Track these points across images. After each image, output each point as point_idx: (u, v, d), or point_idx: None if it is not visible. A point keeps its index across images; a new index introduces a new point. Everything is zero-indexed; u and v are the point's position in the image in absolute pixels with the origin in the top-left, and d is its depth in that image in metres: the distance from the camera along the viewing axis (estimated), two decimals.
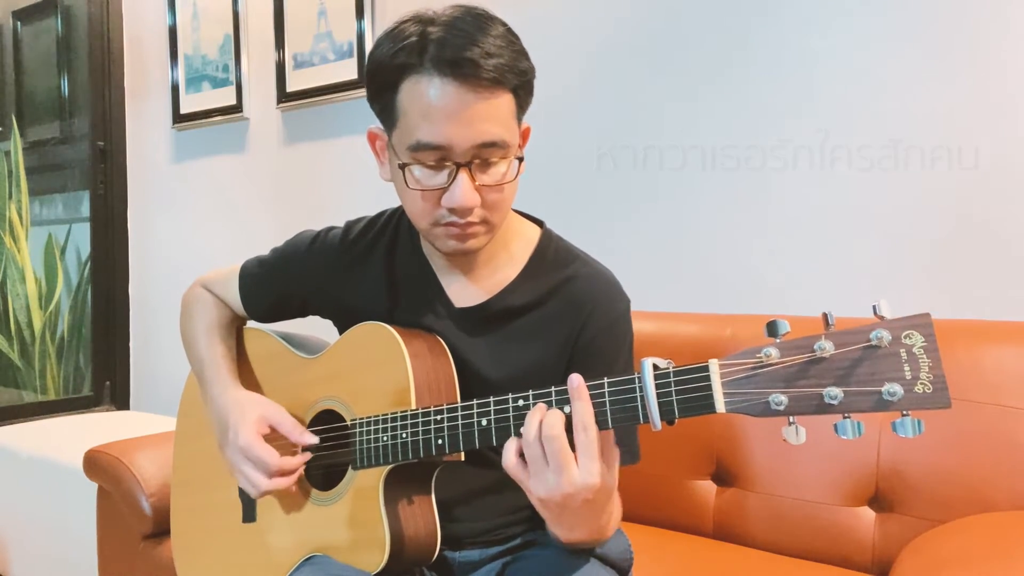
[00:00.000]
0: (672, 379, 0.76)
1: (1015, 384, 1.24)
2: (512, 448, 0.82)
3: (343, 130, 2.42)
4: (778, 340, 0.73)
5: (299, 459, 1.02)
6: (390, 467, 0.96)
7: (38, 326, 3.06)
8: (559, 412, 0.81)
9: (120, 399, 3.09)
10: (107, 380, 3.08)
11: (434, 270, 1.06)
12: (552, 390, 0.83)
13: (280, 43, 2.52)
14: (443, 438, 0.91)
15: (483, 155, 0.90)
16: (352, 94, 2.33)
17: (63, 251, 3.18)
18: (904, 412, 0.68)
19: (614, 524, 0.96)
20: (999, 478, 1.22)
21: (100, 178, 3.05)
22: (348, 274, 1.10)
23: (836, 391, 0.69)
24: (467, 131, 0.88)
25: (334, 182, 2.45)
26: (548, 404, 0.83)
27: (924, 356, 0.67)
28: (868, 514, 1.33)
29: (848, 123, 1.60)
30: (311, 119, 2.51)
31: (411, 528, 0.96)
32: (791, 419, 0.72)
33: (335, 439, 1.04)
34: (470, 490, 1.04)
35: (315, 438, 1.03)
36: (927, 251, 1.52)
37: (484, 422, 0.88)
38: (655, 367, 0.77)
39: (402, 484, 0.98)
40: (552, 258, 1.04)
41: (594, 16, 1.93)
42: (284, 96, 2.52)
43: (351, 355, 1.06)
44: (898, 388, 0.67)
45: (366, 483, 0.98)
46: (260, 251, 1.20)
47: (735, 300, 1.72)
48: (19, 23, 3.25)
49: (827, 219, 1.63)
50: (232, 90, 2.67)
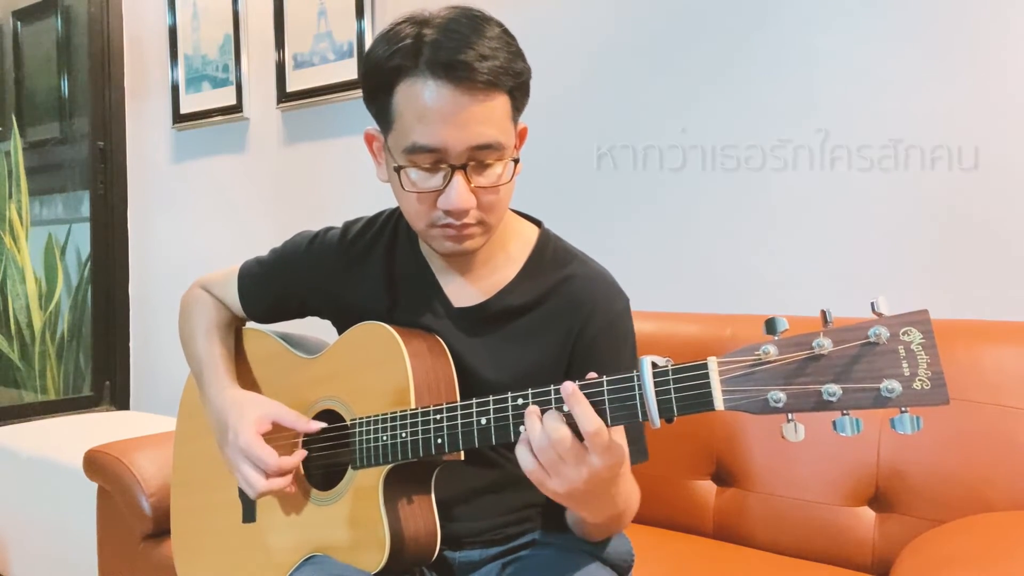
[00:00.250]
0: (671, 377, 0.76)
1: (1015, 384, 1.24)
2: (527, 455, 0.81)
3: (343, 130, 2.42)
4: (776, 338, 0.73)
5: (296, 457, 1.02)
6: (390, 467, 0.96)
7: (38, 326, 3.06)
8: (555, 412, 0.80)
9: (120, 399, 3.09)
10: (107, 380, 3.08)
11: (433, 270, 1.06)
12: (551, 389, 0.83)
13: (280, 43, 2.52)
14: (442, 437, 0.91)
15: (478, 157, 0.90)
16: (352, 94, 2.33)
17: (63, 251, 3.18)
18: (903, 409, 0.68)
19: (636, 495, 0.97)
20: (999, 478, 1.22)
21: (100, 178, 3.05)
22: (347, 274, 1.10)
23: (835, 388, 0.69)
24: (462, 133, 0.88)
25: (334, 182, 2.46)
26: (547, 403, 0.83)
27: (922, 353, 0.67)
28: (868, 514, 1.33)
29: (848, 123, 1.60)
30: (311, 119, 2.51)
31: (411, 528, 0.96)
32: (790, 416, 0.72)
33: (335, 439, 1.04)
34: (470, 490, 1.04)
35: (319, 424, 1.03)
36: (927, 251, 1.52)
37: (483, 421, 0.88)
38: (654, 365, 0.77)
39: (402, 484, 0.98)
40: (550, 258, 1.04)
41: (594, 16, 1.93)
42: (284, 96, 2.52)
43: (350, 355, 1.06)
44: (896, 385, 0.67)
45: (366, 483, 0.98)
46: (260, 251, 1.20)
47: (735, 300, 1.72)
48: (19, 23, 3.25)
49: (827, 219, 1.63)
50: (232, 90, 2.68)
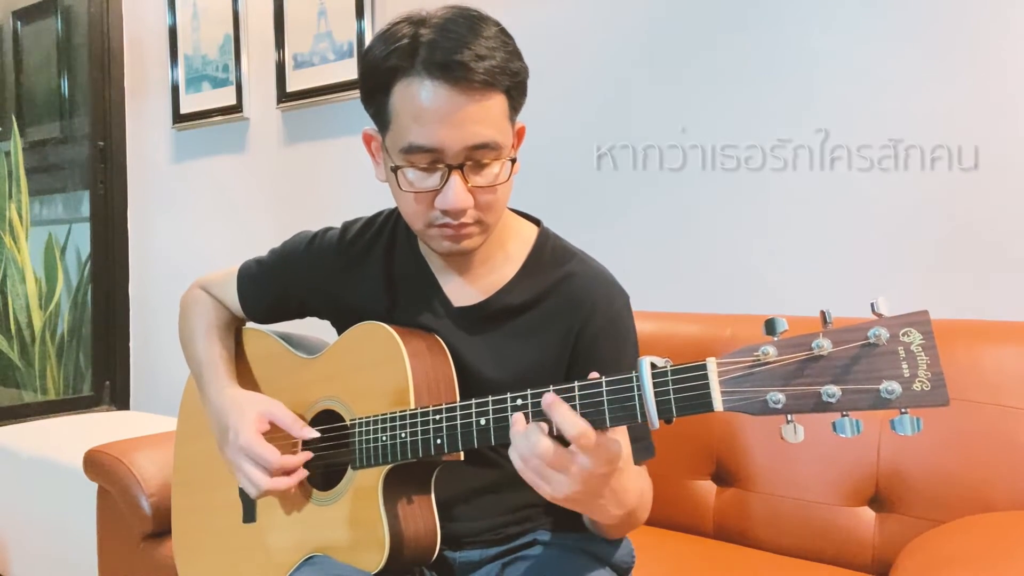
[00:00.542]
0: (670, 378, 0.76)
1: (1015, 384, 1.24)
2: (519, 463, 0.80)
3: (343, 130, 2.42)
4: (776, 338, 0.72)
5: (300, 457, 1.02)
6: (389, 467, 0.96)
7: (38, 326, 3.06)
8: (535, 426, 0.79)
9: (120, 399, 3.09)
10: (107, 380, 3.08)
11: (432, 270, 1.06)
12: (550, 389, 0.82)
13: (280, 43, 2.52)
14: (442, 438, 0.91)
15: (475, 157, 0.90)
16: (352, 94, 2.32)
17: (63, 251, 3.17)
18: (902, 410, 0.68)
19: (648, 491, 0.97)
20: (999, 478, 1.22)
21: (100, 178, 3.05)
22: (346, 274, 1.10)
23: (834, 389, 0.69)
24: (459, 133, 0.88)
25: (334, 182, 2.45)
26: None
27: (922, 354, 0.67)
28: (868, 514, 1.33)
29: (848, 123, 1.60)
30: (311, 119, 2.50)
31: (411, 528, 0.96)
32: (789, 417, 0.72)
33: (334, 439, 1.04)
34: (470, 490, 1.04)
35: (315, 432, 1.03)
36: (927, 251, 1.52)
37: (483, 422, 0.88)
38: (653, 366, 0.77)
39: (402, 484, 0.98)
40: (549, 256, 1.04)
41: (594, 16, 1.92)
42: (284, 96, 2.52)
43: (350, 355, 1.06)
44: (896, 386, 0.67)
45: (366, 483, 0.98)
46: (260, 251, 1.20)
47: (735, 300, 1.72)
48: (19, 23, 3.25)
49: (827, 219, 1.63)
50: (232, 90, 2.67)
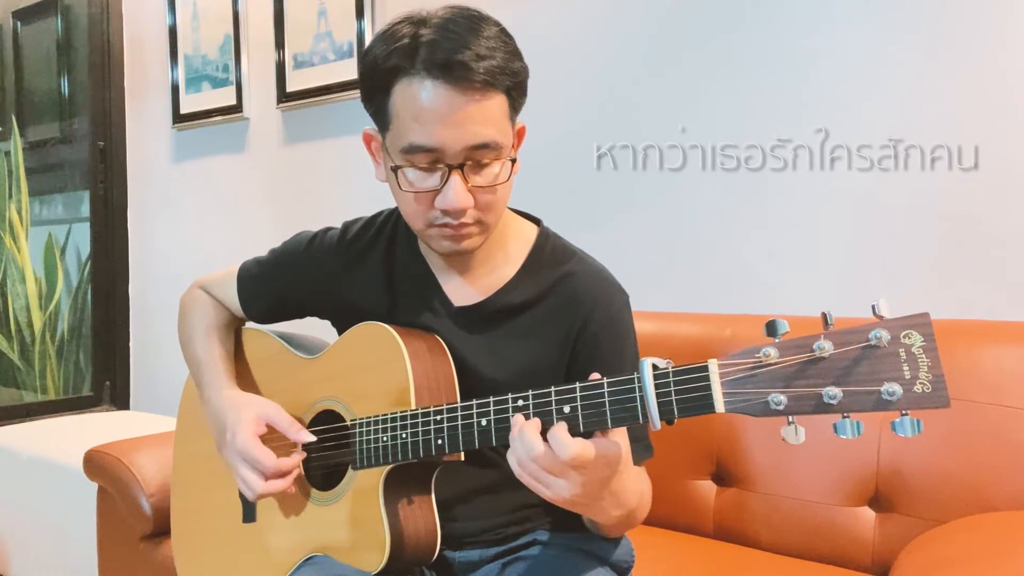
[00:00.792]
0: (671, 379, 0.76)
1: (1015, 384, 1.24)
2: (516, 467, 0.81)
3: (343, 130, 2.42)
4: (777, 340, 0.73)
5: (295, 460, 1.02)
6: (390, 467, 0.96)
7: (38, 326, 3.06)
8: (532, 430, 0.80)
9: (120, 399, 3.09)
10: (107, 380, 3.08)
11: (432, 269, 1.06)
12: (552, 390, 0.83)
13: (280, 43, 2.52)
14: (443, 438, 0.91)
15: (475, 157, 0.90)
16: (352, 94, 2.32)
17: (63, 251, 3.17)
18: (903, 412, 0.68)
19: (648, 491, 0.98)
20: (999, 478, 1.22)
21: (100, 178, 3.05)
22: (347, 274, 1.10)
23: (835, 391, 0.69)
24: (459, 133, 0.88)
25: (334, 182, 2.45)
26: (547, 405, 0.82)
27: (923, 356, 0.67)
28: (868, 514, 1.33)
29: (848, 123, 1.60)
30: (311, 119, 2.50)
31: (411, 528, 0.96)
32: (790, 419, 0.72)
33: (335, 439, 1.04)
34: (470, 490, 1.04)
35: (311, 436, 1.03)
36: (927, 251, 1.52)
37: (484, 422, 0.88)
38: (654, 367, 0.77)
39: (402, 484, 0.98)
40: (549, 256, 1.04)
41: (594, 15, 1.92)
42: (284, 96, 2.52)
43: (350, 355, 1.06)
44: (897, 388, 0.67)
45: (366, 483, 0.98)
46: (260, 251, 1.20)
47: (735, 300, 1.72)
48: (19, 23, 3.25)
49: (827, 219, 1.63)
50: (232, 90, 2.67)
